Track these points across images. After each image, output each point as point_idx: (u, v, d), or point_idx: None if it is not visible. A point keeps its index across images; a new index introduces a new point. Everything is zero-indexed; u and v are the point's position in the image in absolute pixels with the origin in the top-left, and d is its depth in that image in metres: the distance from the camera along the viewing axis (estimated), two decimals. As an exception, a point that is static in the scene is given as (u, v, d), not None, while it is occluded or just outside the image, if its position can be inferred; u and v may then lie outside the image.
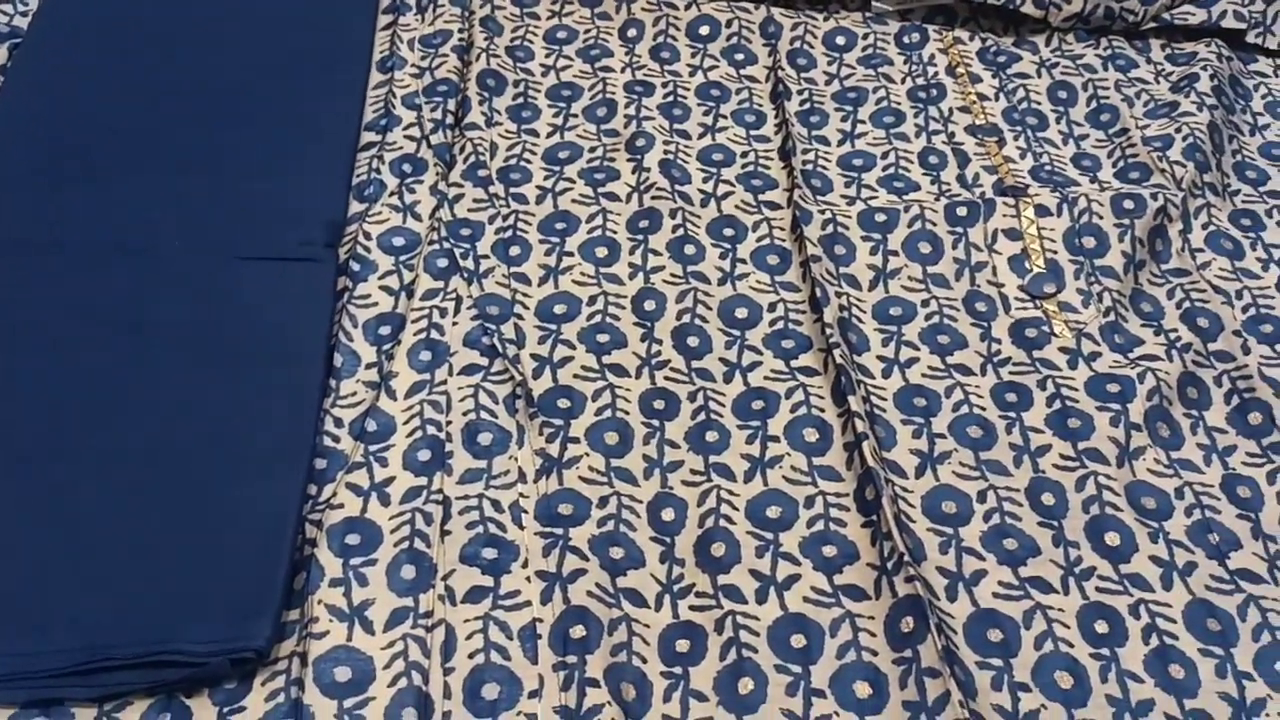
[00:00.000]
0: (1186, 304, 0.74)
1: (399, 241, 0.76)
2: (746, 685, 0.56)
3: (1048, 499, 0.64)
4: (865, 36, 0.94)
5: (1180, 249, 0.78)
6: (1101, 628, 0.59)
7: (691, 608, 0.59)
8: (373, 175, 0.80)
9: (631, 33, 0.94)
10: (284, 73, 0.85)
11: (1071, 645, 0.58)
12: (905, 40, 0.94)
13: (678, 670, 0.57)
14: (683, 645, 0.58)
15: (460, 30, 0.91)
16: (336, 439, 0.65)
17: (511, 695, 0.55)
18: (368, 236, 0.75)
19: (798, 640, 0.58)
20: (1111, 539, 0.62)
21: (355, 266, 0.74)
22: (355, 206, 0.78)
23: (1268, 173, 0.85)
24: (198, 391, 0.64)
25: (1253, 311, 0.75)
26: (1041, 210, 0.79)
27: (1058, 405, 0.68)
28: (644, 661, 0.57)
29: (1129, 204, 0.79)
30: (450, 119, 0.84)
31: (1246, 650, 0.58)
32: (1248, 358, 0.71)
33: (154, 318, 0.68)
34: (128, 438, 0.62)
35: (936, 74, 0.91)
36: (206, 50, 0.87)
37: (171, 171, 0.77)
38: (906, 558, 0.59)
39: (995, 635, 0.58)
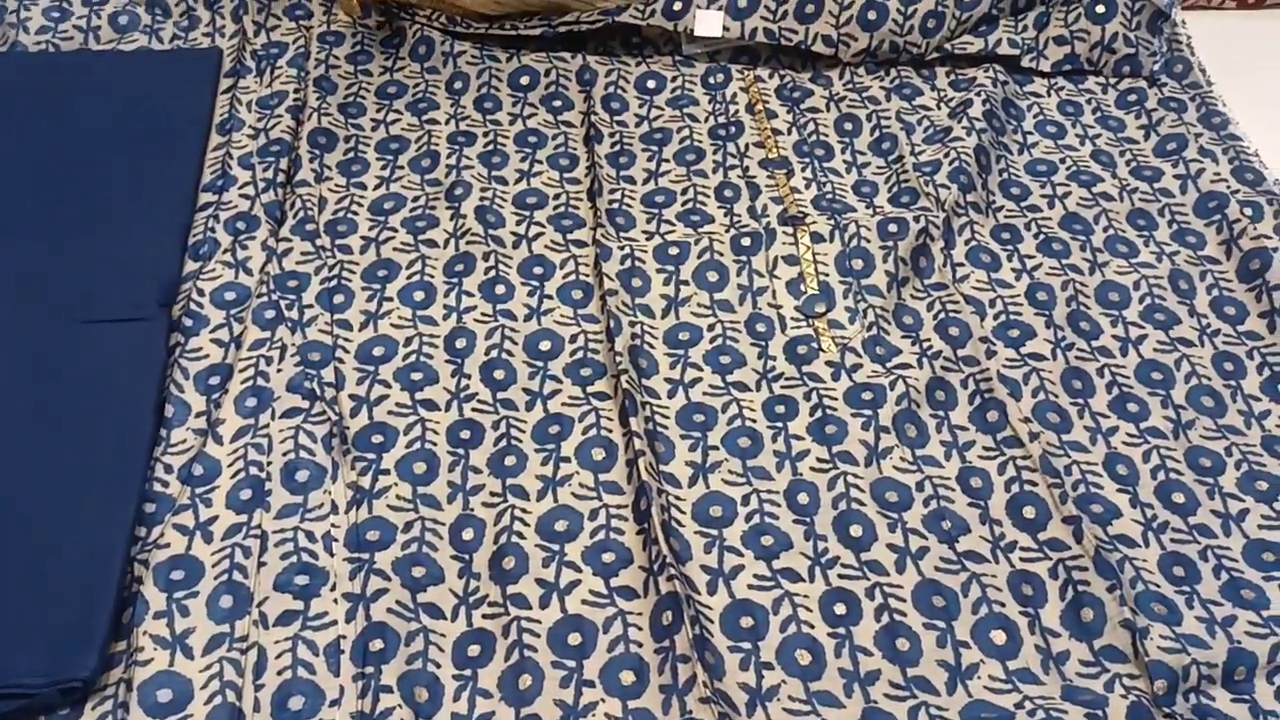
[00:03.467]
0: (942, 315, 0.84)
1: (230, 296, 0.82)
2: (526, 681, 0.64)
3: (803, 498, 0.72)
4: (674, 79, 1.03)
5: (942, 265, 0.87)
6: (840, 609, 0.67)
7: (484, 616, 0.67)
8: (208, 234, 0.86)
9: (457, 85, 1.01)
10: (124, 142, 0.91)
11: (813, 626, 0.66)
12: (710, 81, 1.03)
13: (468, 673, 0.64)
14: (474, 650, 0.65)
15: (296, 91, 0.98)
16: (166, 484, 0.72)
17: (314, 705, 0.62)
18: (200, 293, 0.82)
19: (574, 638, 0.65)
20: (855, 531, 0.71)
21: (188, 322, 0.80)
22: (190, 265, 0.85)
23: (1030, 188, 0.95)
24: (32, 448, 0.70)
25: (1003, 318, 0.84)
26: (816, 237, 0.88)
27: (819, 414, 0.77)
28: (438, 667, 0.64)
29: (893, 227, 0.88)
30: (282, 177, 0.91)
31: (966, 622, 0.67)
32: (990, 361, 0.80)
33: (-6, 383, 0.74)
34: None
35: (737, 112, 1.00)
36: (48, 121, 0.92)
37: (13, 241, 0.83)
38: (670, 559, 0.67)
39: (747, 622, 0.66)
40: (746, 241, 0.88)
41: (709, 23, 0.98)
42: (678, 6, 0.99)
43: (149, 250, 0.84)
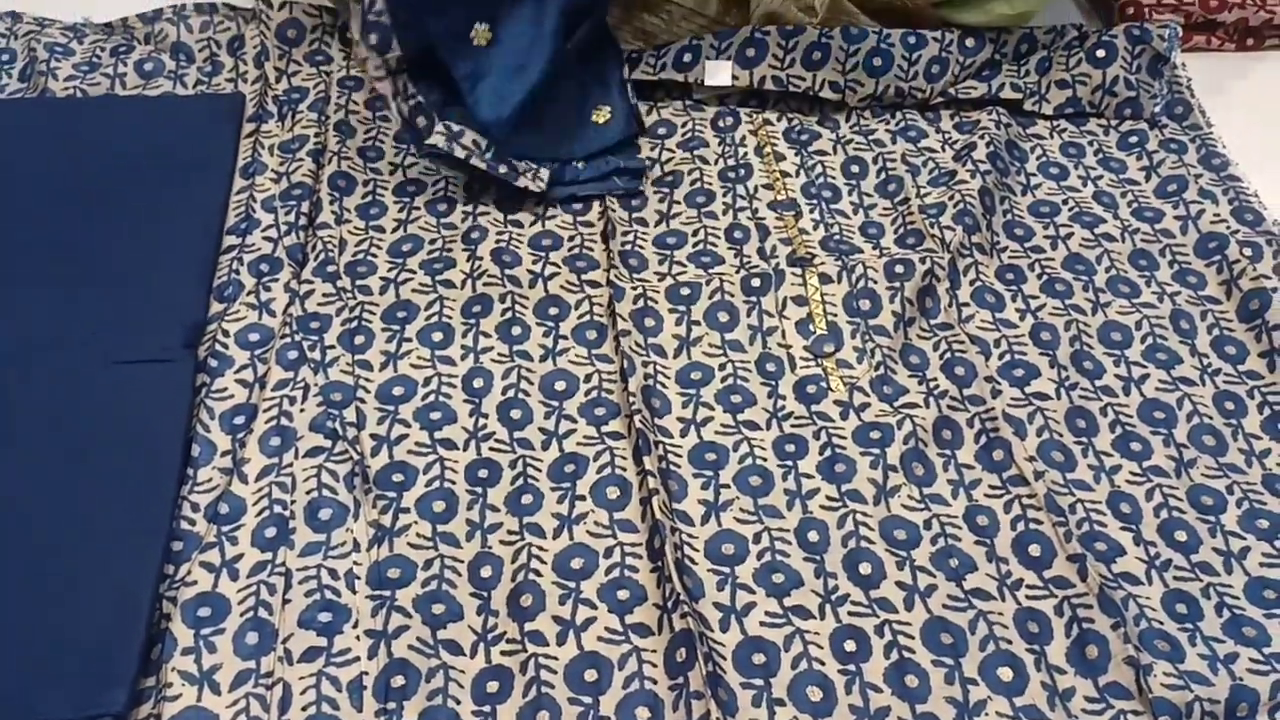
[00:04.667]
0: (948, 355, 0.85)
1: (254, 337, 0.85)
2: (543, 718, 0.65)
3: (813, 536, 0.74)
4: (684, 124, 1.05)
5: (948, 305, 0.89)
6: (850, 646, 0.69)
7: (502, 653, 0.68)
8: (232, 276, 0.89)
9: (474, 128, 1.04)
10: (148, 185, 0.94)
11: (823, 663, 0.68)
12: (720, 124, 1.05)
13: (487, 708, 0.66)
14: (492, 686, 0.67)
15: (316, 135, 1.01)
16: (193, 522, 0.74)
17: (338, 740, 0.64)
18: (225, 334, 0.84)
19: (590, 675, 0.67)
20: (864, 568, 0.72)
21: (213, 363, 0.82)
22: (216, 307, 0.87)
23: (1034, 229, 0.97)
24: (61, 486, 0.72)
25: (1007, 358, 0.86)
26: (825, 278, 0.90)
27: (828, 453, 0.79)
28: (458, 703, 0.66)
29: (899, 268, 0.90)
30: (303, 220, 0.93)
31: (973, 659, 0.69)
32: (995, 401, 0.82)
33: (22, 421, 0.76)
34: (-6, 530, 0.70)
35: (746, 154, 1.02)
36: (73, 164, 0.95)
37: (39, 284, 0.85)
38: (683, 596, 0.68)
39: (759, 659, 0.68)
40: (756, 282, 0.90)
41: (718, 73, 1.01)
42: (687, 58, 1.02)
43: (174, 292, 0.86)
